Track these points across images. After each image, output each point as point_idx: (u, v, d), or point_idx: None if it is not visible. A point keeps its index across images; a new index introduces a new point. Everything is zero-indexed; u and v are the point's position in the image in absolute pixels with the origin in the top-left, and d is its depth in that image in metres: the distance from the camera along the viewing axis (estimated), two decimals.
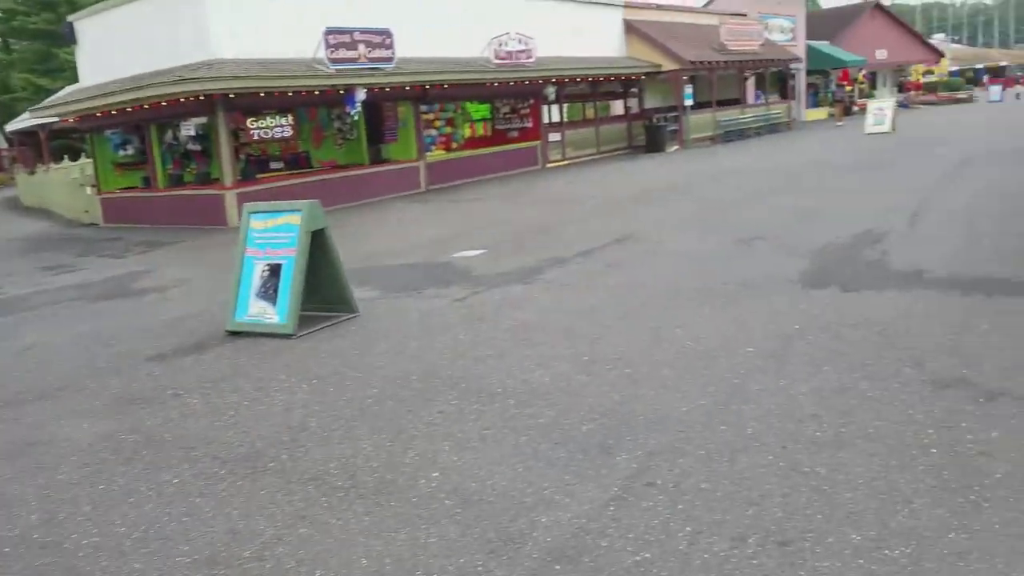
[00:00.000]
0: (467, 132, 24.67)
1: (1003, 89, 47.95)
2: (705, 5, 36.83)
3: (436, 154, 22.16)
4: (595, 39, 27.40)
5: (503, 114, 25.71)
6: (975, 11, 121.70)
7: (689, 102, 27.79)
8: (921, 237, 9.07)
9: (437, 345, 6.35)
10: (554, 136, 25.70)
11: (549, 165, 25.29)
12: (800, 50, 40.94)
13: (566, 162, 25.99)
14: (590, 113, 28.49)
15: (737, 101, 32.74)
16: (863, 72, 45.65)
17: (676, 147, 28.14)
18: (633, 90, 32.87)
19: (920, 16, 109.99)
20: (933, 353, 5.14)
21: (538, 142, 24.98)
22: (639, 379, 5.13)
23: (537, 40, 23.90)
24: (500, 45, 21.48)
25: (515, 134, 25.48)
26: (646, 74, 27.94)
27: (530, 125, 25.09)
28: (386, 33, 18.41)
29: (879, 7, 50.25)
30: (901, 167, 16.33)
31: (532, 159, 24.90)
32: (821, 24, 46.34)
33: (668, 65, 27.66)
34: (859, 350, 5.31)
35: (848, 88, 43.52)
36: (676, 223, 11.70)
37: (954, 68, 66.43)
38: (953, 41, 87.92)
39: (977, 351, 5.11)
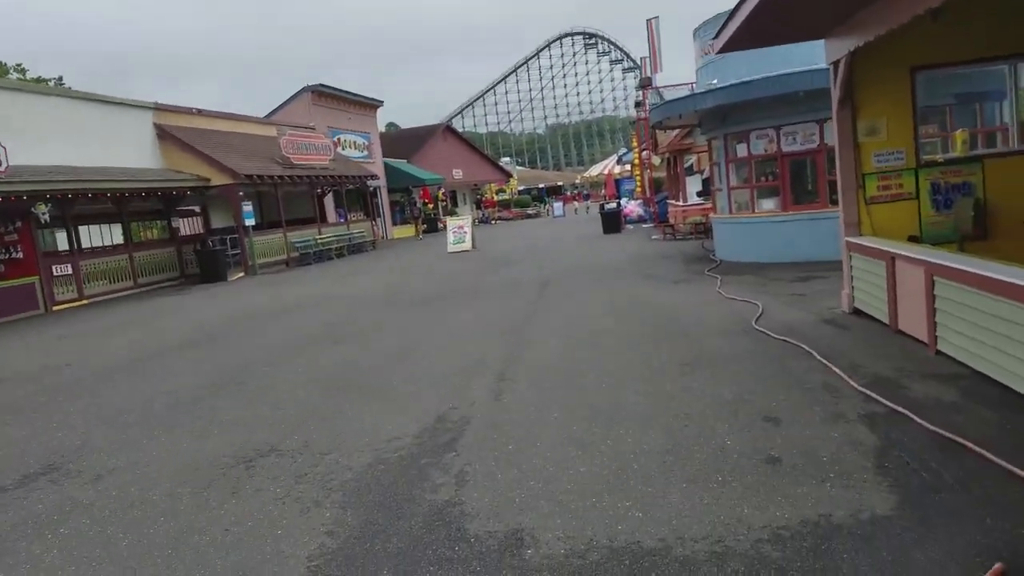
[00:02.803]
0: None
1: (563, 205, 52.83)
2: (267, 117, 33.43)
3: None
4: (118, 146, 21.84)
5: None
6: (531, 140, 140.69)
7: (250, 221, 23.41)
8: (513, 426, 5.59)
9: None
10: (63, 268, 19.14)
11: (58, 307, 18.59)
12: (378, 167, 39.75)
13: (85, 301, 19.51)
14: (120, 237, 22.39)
15: (314, 220, 29.42)
16: (442, 190, 46.38)
17: (241, 274, 23.37)
18: (189, 208, 27.62)
19: (487, 142, 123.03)
20: None
21: (36, 277, 18.21)
22: None
23: (17, 141, 17.65)
24: None
25: (1, 268, 18.40)
26: (192, 189, 22.95)
27: (21, 255, 18.26)
28: None
29: (449, 129, 52.57)
30: (484, 297, 13.73)
31: (29, 301, 18.03)
32: (398, 143, 46.38)
33: (218, 179, 23.10)
34: None
35: (430, 205, 43.52)
36: (137, 419, 6.90)
37: (522, 187, 73.28)
38: (518, 164, 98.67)
39: None
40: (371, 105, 40.96)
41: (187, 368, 9.24)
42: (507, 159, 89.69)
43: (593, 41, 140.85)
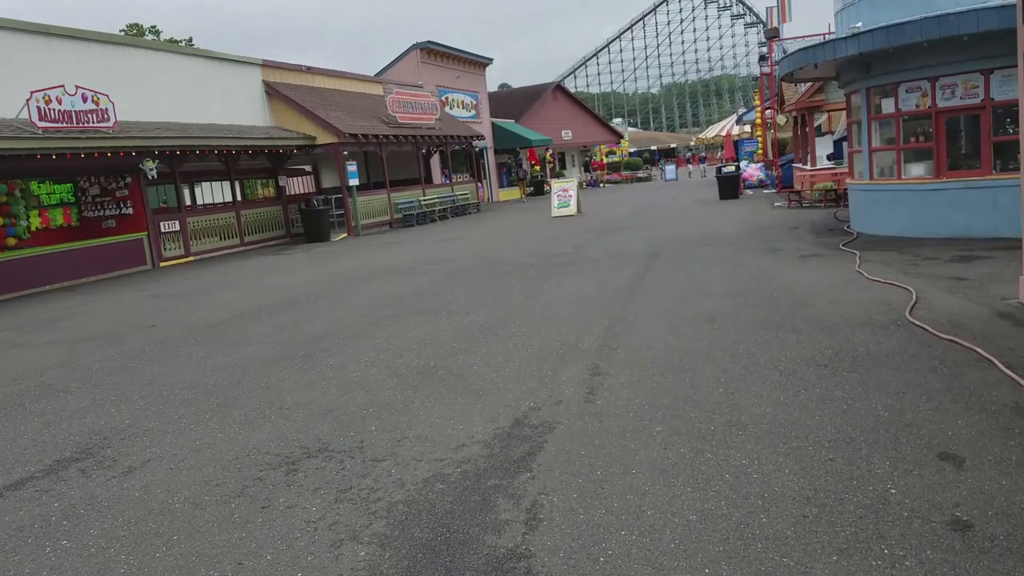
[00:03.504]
0: (36, 222, 17.57)
1: (676, 168, 50.47)
2: (376, 75, 33.07)
3: None
4: (227, 103, 21.89)
5: (91, 197, 18.94)
6: (644, 100, 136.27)
7: (354, 181, 23.08)
8: (604, 440, 4.55)
9: None
10: (170, 224, 19.37)
11: (165, 264, 18.87)
12: (485, 128, 38.90)
13: (191, 258, 19.74)
14: (228, 195, 22.58)
15: (419, 181, 28.96)
16: (549, 151, 45.10)
17: (344, 235, 23.17)
18: (299, 166, 27.74)
19: (600, 102, 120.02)
20: None
21: (144, 234, 18.48)
22: None
23: (127, 98, 17.80)
24: (47, 103, 14.93)
25: (112, 223, 18.80)
26: (298, 147, 22.79)
27: (131, 211, 18.56)
28: None
29: (560, 88, 50.92)
30: (586, 268, 12.65)
31: (137, 256, 18.34)
32: (508, 103, 45.31)
33: (324, 138, 22.81)
34: None
35: (536, 167, 42.40)
36: (196, 396, 6.30)
37: (633, 149, 70.88)
38: (630, 125, 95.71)
39: None
40: (480, 63, 40.00)
41: (266, 335, 8.68)
42: (619, 120, 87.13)
43: None
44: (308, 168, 30.36)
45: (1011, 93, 10.56)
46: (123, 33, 47.41)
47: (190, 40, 53.55)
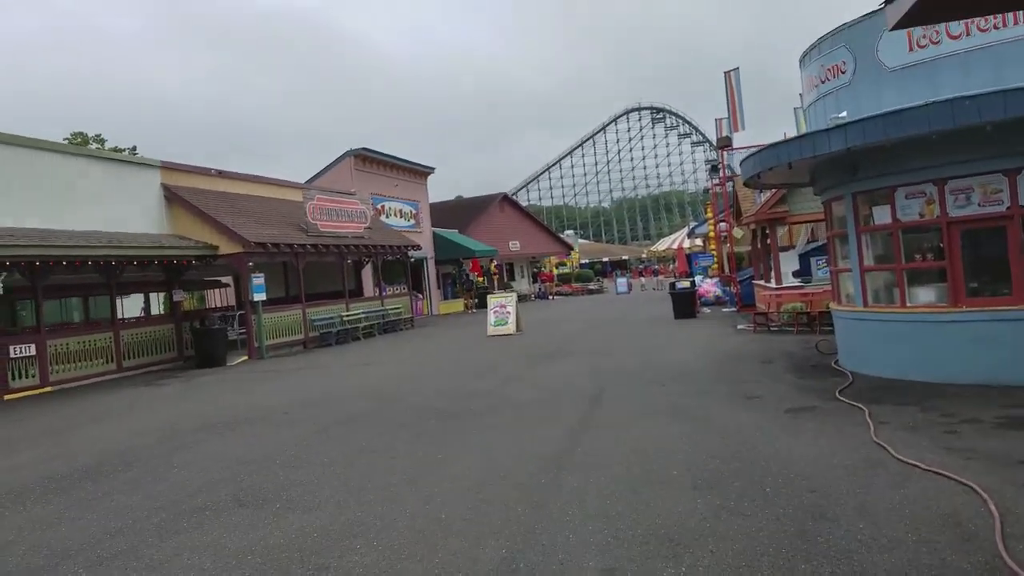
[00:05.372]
0: None
1: (629, 281, 48.58)
2: (308, 182, 30.67)
3: None
4: (119, 209, 18.95)
5: None
6: (596, 213, 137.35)
7: (260, 296, 20.04)
8: None
9: None
10: (23, 348, 15.93)
11: (11, 396, 15.31)
12: (426, 237, 36.57)
13: (48, 389, 16.19)
14: (105, 312, 19.28)
15: (344, 294, 25.98)
16: (494, 262, 42.87)
17: (244, 358, 19.90)
18: (214, 278, 24.71)
19: (552, 215, 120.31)
20: None
21: None
22: None
23: None
24: None
25: None
26: (197, 258, 19.78)
27: None
28: None
29: (507, 199, 49.41)
30: (506, 418, 9.74)
31: None
32: (453, 214, 43.32)
33: (227, 247, 19.90)
34: None
35: (480, 278, 40.01)
36: None
37: (584, 260, 69.54)
38: (581, 236, 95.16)
39: None
40: (421, 172, 38.10)
41: (53, 519, 5.40)
42: (570, 231, 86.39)
43: (661, 116, 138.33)
44: (226, 280, 27.33)
45: None
46: (67, 142, 44.19)
47: (134, 149, 50.75)
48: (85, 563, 5.01)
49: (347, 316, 24.22)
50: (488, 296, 23.21)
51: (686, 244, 50.11)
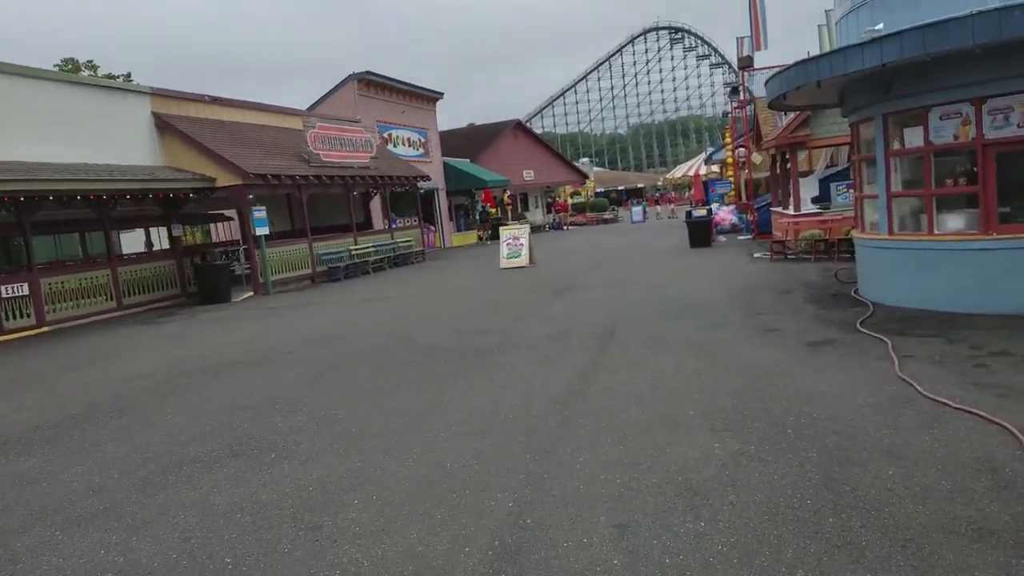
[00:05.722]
0: None
1: (644, 210, 47.75)
2: (309, 109, 29.85)
3: None
4: (106, 139, 18.35)
5: None
6: (612, 140, 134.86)
7: (263, 230, 19.66)
8: None
9: None
10: (15, 288, 15.64)
11: (5, 337, 15.13)
12: (436, 167, 35.82)
13: (45, 329, 15.98)
14: (101, 249, 18.91)
15: (353, 228, 25.54)
16: (507, 192, 42.13)
17: (249, 294, 19.67)
18: (217, 212, 24.29)
19: (567, 142, 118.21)
20: None
21: None
22: None
23: None
24: None
25: None
26: (194, 191, 19.31)
27: None
28: None
29: (520, 126, 48.22)
30: (515, 356, 9.45)
31: None
32: (464, 142, 42.35)
33: (225, 179, 19.41)
34: None
35: (493, 209, 39.37)
36: None
37: (600, 189, 68.43)
38: (596, 164, 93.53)
39: None
40: (429, 97, 37.02)
41: (35, 474, 5.20)
42: (585, 159, 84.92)
43: (680, 36, 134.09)
44: (230, 213, 26.89)
45: None
46: (57, 69, 43.22)
47: (128, 76, 49.67)
48: (62, 524, 4.76)
49: (356, 250, 23.86)
50: (501, 228, 22.71)
51: (703, 171, 49.01)
